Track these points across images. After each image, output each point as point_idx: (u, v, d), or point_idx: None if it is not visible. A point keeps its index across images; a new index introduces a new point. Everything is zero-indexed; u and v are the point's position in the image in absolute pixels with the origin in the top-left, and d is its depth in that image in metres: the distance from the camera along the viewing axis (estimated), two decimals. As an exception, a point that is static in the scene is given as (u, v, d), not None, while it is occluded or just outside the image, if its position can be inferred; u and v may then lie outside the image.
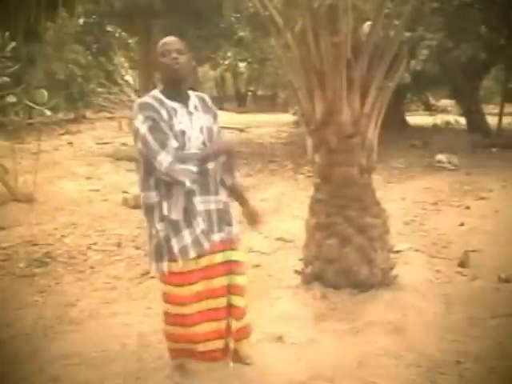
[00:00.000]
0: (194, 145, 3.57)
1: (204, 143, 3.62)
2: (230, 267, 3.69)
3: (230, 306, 3.71)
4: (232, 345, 3.75)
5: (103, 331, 4.73)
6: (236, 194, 3.92)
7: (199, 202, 3.59)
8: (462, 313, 4.93)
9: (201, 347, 3.72)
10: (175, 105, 3.59)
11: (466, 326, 4.65)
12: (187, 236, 3.56)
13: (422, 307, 5.02)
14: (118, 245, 7.49)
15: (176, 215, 3.56)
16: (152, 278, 6.14)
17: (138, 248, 7.31)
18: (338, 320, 4.81)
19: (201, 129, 3.62)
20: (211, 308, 3.67)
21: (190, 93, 3.74)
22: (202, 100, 3.77)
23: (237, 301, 3.72)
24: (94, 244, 7.56)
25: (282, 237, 7.43)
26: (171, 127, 3.52)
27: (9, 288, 5.96)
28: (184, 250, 3.56)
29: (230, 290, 3.70)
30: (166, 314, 3.72)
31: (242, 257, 3.79)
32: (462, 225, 7.99)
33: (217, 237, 3.64)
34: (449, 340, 4.40)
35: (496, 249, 6.75)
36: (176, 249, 3.56)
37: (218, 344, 3.74)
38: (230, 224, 3.70)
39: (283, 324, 4.61)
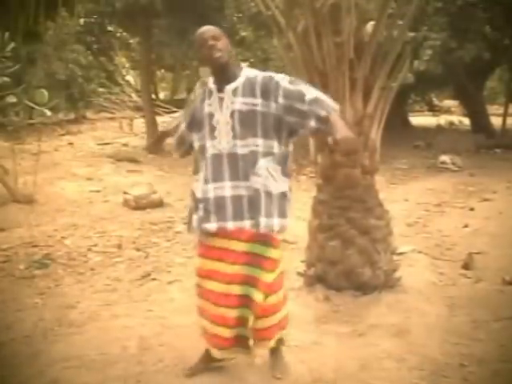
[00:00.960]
0: (223, 129, 3.63)
1: (233, 128, 3.60)
2: (255, 260, 3.64)
3: (247, 297, 3.68)
4: (250, 342, 3.76)
5: (103, 334, 4.72)
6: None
7: (227, 187, 3.63)
8: (465, 315, 4.92)
9: (210, 328, 3.78)
10: (213, 87, 3.71)
11: (470, 329, 4.65)
12: (201, 215, 3.69)
13: (425, 310, 5.01)
14: (119, 246, 7.49)
15: (199, 193, 3.72)
16: (153, 279, 6.15)
17: (138, 250, 7.31)
18: (341, 322, 4.81)
19: (232, 113, 3.61)
20: (221, 292, 3.68)
21: (244, 73, 3.69)
22: (250, 82, 3.65)
23: (255, 294, 3.67)
24: (95, 245, 7.56)
25: (284, 238, 7.39)
26: (202, 109, 3.72)
27: (8, 290, 5.96)
28: (199, 227, 3.72)
29: (250, 281, 3.66)
30: (196, 285, 3.86)
31: (273, 253, 3.69)
32: (465, 226, 7.99)
33: (247, 224, 3.62)
34: (452, 343, 4.39)
35: (500, 251, 6.74)
36: (195, 224, 3.74)
37: (223, 332, 3.73)
38: (259, 213, 3.60)
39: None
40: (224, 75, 3.67)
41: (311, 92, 3.57)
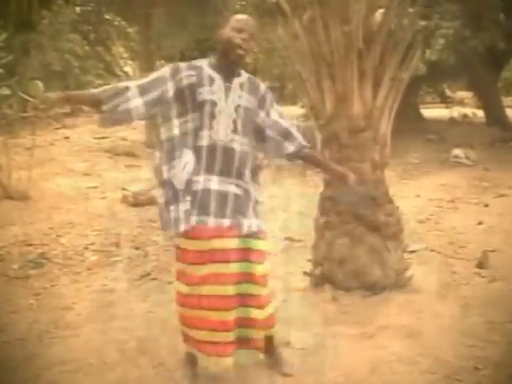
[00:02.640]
0: (224, 120, 3.66)
1: (235, 121, 3.67)
2: (247, 255, 3.65)
3: (248, 295, 3.68)
4: (257, 335, 3.75)
5: (101, 336, 4.72)
6: (310, 161, 4.17)
7: (214, 181, 3.64)
8: (480, 316, 4.92)
9: (204, 336, 3.69)
10: (215, 75, 3.71)
11: (485, 330, 4.64)
12: (182, 209, 3.63)
13: (437, 310, 5.01)
14: (117, 245, 7.49)
15: (178, 184, 3.64)
16: (153, 279, 6.16)
17: (137, 248, 7.31)
18: (350, 324, 4.80)
19: (237, 107, 3.69)
20: (217, 295, 3.61)
21: (244, 73, 3.82)
22: (253, 82, 3.83)
23: (256, 290, 3.68)
24: (92, 244, 7.56)
25: (289, 236, 7.42)
26: (195, 94, 3.64)
27: (2, 291, 5.97)
28: (176, 222, 3.64)
29: (247, 278, 3.66)
30: (177, 293, 3.79)
31: (262, 245, 3.74)
32: (480, 223, 7.98)
33: (227, 222, 3.63)
34: (466, 345, 4.38)
35: (516, 249, 6.73)
36: (172, 216, 3.66)
37: (224, 337, 3.67)
38: (244, 216, 3.67)
39: (291, 328, 4.60)
40: (234, 69, 3.76)
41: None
